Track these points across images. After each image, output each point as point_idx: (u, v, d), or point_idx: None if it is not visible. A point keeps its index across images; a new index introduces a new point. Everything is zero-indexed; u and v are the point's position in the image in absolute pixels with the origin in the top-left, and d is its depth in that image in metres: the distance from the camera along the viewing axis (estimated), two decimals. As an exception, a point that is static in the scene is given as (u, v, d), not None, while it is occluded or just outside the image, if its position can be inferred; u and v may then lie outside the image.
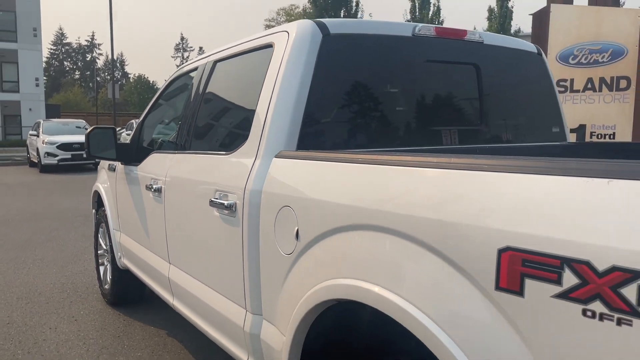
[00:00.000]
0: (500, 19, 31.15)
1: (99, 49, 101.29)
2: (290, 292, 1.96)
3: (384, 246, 1.53)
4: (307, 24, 2.35)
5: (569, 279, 1.07)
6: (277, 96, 2.24)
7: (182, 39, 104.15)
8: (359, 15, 30.86)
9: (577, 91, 6.06)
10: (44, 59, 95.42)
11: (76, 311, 4.56)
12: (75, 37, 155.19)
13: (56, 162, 17.53)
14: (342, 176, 1.78)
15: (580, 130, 6.09)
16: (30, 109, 37.12)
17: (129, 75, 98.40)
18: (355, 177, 1.72)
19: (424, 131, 2.60)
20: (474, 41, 2.72)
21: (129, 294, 4.49)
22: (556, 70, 6.19)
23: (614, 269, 1.00)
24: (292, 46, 2.29)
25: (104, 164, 4.66)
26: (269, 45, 2.45)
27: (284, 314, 1.99)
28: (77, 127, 19.79)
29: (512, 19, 31.66)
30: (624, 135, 5.73)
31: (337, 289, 1.67)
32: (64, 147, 17.57)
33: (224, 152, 2.54)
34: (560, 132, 3.08)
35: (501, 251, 1.20)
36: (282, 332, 2.02)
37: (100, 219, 4.71)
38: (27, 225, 8.41)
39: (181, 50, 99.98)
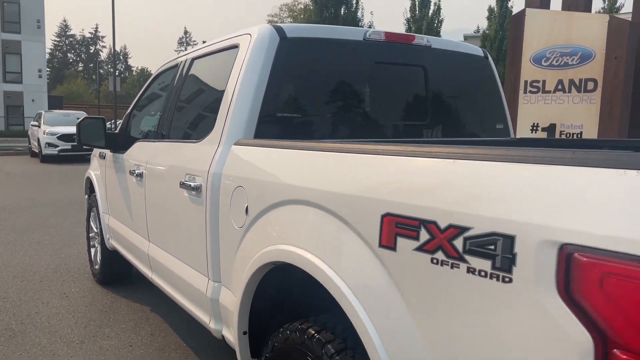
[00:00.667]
0: (500, 18, 31.30)
1: (103, 41, 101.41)
2: (241, 259, 2.29)
3: (306, 216, 1.86)
4: (267, 27, 2.66)
5: (424, 236, 1.40)
6: (238, 91, 2.56)
7: (186, 32, 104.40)
8: (359, 13, 31.09)
9: (549, 92, 6.36)
10: (48, 51, 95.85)
11: (67, 289, 4.89)
12: (79, 29, 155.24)
13: (57, 152, 17.88)
14: (280, 161, 2.11)
15: (550, 128, 6.41)
16: (32, 100, 37.49)
17: (132, 69, 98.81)
18: (289, 162, 2.05)
19: (371, 126, 2.92)
20: (421, 45, 3.03)
21: (117, 273, 4.81)
22: (529, 72, 6.50)
23: (450, 226, 1.33)
24: (252, 47, 2.60)
25: (95, 152, 4.98)
26: (235, 46, 2.77)
27: (237, 278, 2.32)
28: (77, 118, 20.08)
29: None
30: (591, 134, 6.03)
31: (272, 253, 2.00)
32: (64, 138, 17.91)
33: (194, 141, 2.87)
34: (504, 128, 3.39)
35: (383, 216, 1.53)
36: (235, 295, 2.34)
37: (92, 203, 5.04)
38: (26, 212, 8.75)
39: (184, 44, 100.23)
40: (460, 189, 1.35)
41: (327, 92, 2.81)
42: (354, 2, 30.61)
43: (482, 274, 1.25)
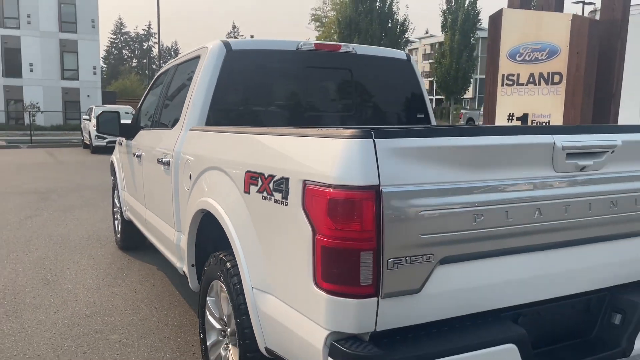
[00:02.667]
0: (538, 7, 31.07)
1: (155, 37, 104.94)
2: (188, 211, 3.20)
3: (215, 177, 2.75)
4: (217, 42, 3.54)
5: (259, 183, 2.25)
6: (195, 90, 3.46)
7: (234, 27, 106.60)
8: (394, 8, 31.44)
9: (522, 84, 6.95)
10: (104, 48, 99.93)
11: (95, 252, 5.97)
12: (134, 26, 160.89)
13: (105, 143, 19.38)
14: (207, 140, 3.00)
15: (524, 118, 7.02)
16: (88, 96, 39.84)
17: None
18: (211, 141, 2.94)
19: (303, 117, 3.75)
20: (347, 52, 3.84)
21: (133, 240, 5.83)
22: (506, 66, 7.11)
23: (268, 176, 2.18)
24: (207, 58, 3.49)
25: (119, 140, 6.02)
26: (198, 57, 3.67)
27: (186, 224, 3.23)
28: (125, 112, 21.64)
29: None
30: (557, 122, 6.60)
31: (198, 204, 2.89)
32: (112, 130, 19.37)
33: (169, 128, 3.79)
34: (425, 117, 4.15)
35: (245, 173, 2.39)
36: (186, 235, 3.26)
37: (115, 182, 6.09)
38: (72, 194, 10.01)
39: (232, 39, 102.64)
40: (273, 153, 2.21)
41: (265, 90, 3.67)
42: (389, -5, 31.14)
43: (279, 202, 2.10)
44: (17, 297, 4.53)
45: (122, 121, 5.03)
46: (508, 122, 7.10)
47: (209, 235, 3.08)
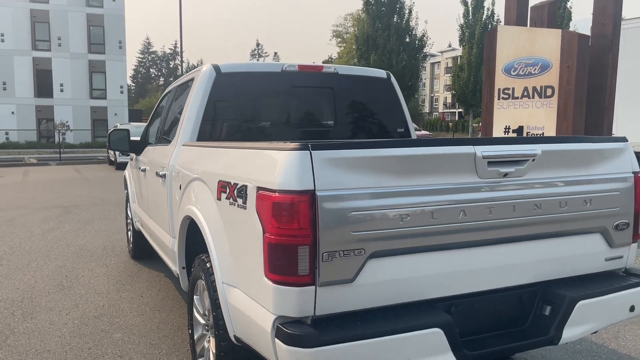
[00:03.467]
0: (558, 19, 31.01)
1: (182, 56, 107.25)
2: (177, 218, 3.55)
3: (197, 186, 3.09)
4: (208, 66, 3.91)
5: (228, 190, 2.58)
6: (189, 109, 3.83)
7: (258, 45, 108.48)
8: (412, 23, 31.79)
9: (517, 98, 7.18)
10: (132, 67, 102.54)
11: (109, 261, 6.38)
12: (161, 45, 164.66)
13: (129, 160, 20.08)
14: (193, 154, 3.35)
15: (519, 130, 7.24)
16: (115, 114, 41.05)
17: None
18: (196, 155, 3.29)
19: (288, 132, 4.09)
20: (329, 72, 4.17)
21: (143, 249, 6.22)
22: (502, 81, 7.36)
23: (234, 184, 2.51)
24: (199, 80, 3.86)
25: (131, 156, 6.45)
26: (192, 79, 4.05)
27: (177, 230, 3.58)
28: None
29: (570, 20, 31.45)
30: (550, 134, 6.79)
31: (184, 211, 3.24)
32: (136, 147, 20.07)
33: (167, 144, 4.17)
34: (405, 131, 4.44)
35: (217, 182, 2.73)
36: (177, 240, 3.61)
37: (127, 195, 6.51)
38: (94, 208, 10.53)
39: (256, 56, 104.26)
40: (237, 165, 2.54)
41: (253, 108, 4.03)
42: (407, 12, 31.47)
43: (240, 206, 2.42)
44: (33, 301, 4.94)
45: (133, 138, 5.45)
46: (505, 134, 7.33)
47: (196, 240, 3.41)
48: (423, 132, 27.05)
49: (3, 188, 14.63)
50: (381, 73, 4.42)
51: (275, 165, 2.14)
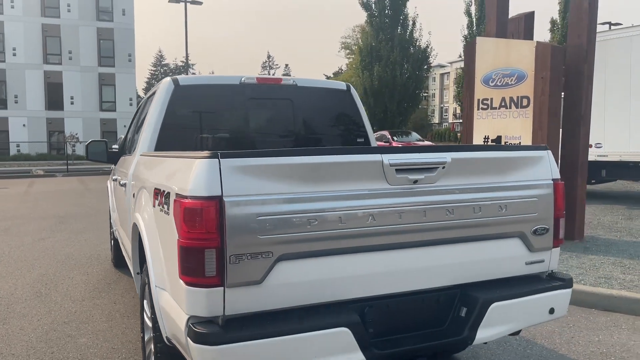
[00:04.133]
0: (564, 29, 30.94)
1: (193, 68, 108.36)
2: (131, 221, 3.68)
3: (143, 194, 3.22)
4: (168, 79, 4.06)
5: (159, 197, 2.71)
6: (148, 120, 3.97)
7: (269, 57, 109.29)
8: (415, 34, 31.90)
9: (495, 108, 7.26)
10: (145, 79, 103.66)
11: (90, 269, 6.53)
12: (173, 58, 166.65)
13: (132, 171, 20.38)
14: (144, 163, 3.49)
15: (497, 140, 7.32)
16: (125, 126, 41.50)
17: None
18: (145, 164, 3.42)
19: (246, 141, 4.21)
20: (288, 84, 4.30)
21: (122, 257, 6.36)
22: (481, 91, 7.46)
23: (163, 192, 2.63)
24: (158, 92, 4.01)
25: (112, 166, 6.62)
26: (155, 91, 4.20)
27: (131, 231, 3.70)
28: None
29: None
30: (527, 143, 6.86)
31: (133, 218, 3.37)
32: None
33: (130, 154, 4.31)
34: (365, 141, 4.54)
35: (153, 189, 2.86)
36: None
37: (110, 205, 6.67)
38: (88, 218, 10.72)
39: (267, 68, 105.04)
40: (165, 172, 2.67)
41: (211, 119, 4.16)
42: (410, 23, 31.62)
43: (165, 212, 2.55)
44: (9, 307, 5.09)
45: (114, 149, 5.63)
46: (484, 144, 7.40)
47: None
48: (426, 142, 27.02)
49: (6, 198, 14.93)
50: (341, 85, 4.54)
51: (189, 173, 2.27)
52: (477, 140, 7.52)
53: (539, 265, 2.87)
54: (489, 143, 7.35)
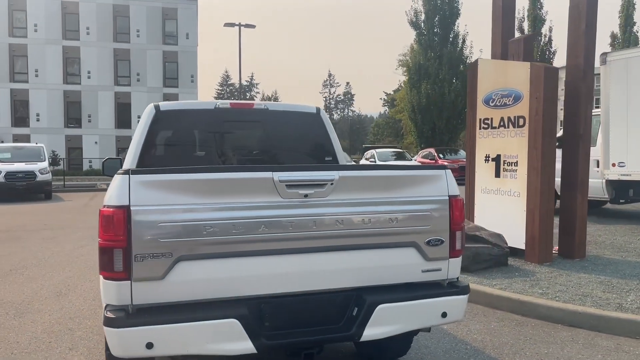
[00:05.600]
0: (624, 43, 29.87)
1: (257, 87, 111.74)
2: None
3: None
4: (151, 105, 4.62)
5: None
6: (132, 142, 4.55)
7: (330, 75, 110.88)
8: (465, 51, 31.74)
9: (495, 127, 7.40)
10: (212, 98, 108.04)
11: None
12: (238, 78, 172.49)
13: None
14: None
15: (497, 159, 7.46)
16: (186, 143, 43.51)
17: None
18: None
19: (219, 160, 4.70)
20: (260, 109, 4.77)
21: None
22: (482, 111, 7.63)
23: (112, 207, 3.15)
24: (143, 116, 4.59)
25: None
26: (141, 116, 4.79)
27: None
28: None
29: (637, 44, 30.17)
30: (522, 163, 6.96)
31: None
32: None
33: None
34: (333, 159, 4.92)
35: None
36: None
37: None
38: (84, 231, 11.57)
39: (328, 86, 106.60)
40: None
41: (188, 141, 4.70)
42: (460, 41, 31.50)
43: (104, 220, 3.05)
44: (29, 304, 5.81)
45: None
46: (485, 162, 7.59)
47: None
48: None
49: (66, 210, 16.24)
50: (311, 109, 4.96)
51: (111, 187, 2.78)
52: (480, 158, 7.69)
53: (436, 273, 3.16)
54: (490, 162, 7.51)
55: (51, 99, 41.51)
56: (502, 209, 7.29)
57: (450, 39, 31.28)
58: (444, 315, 3.09)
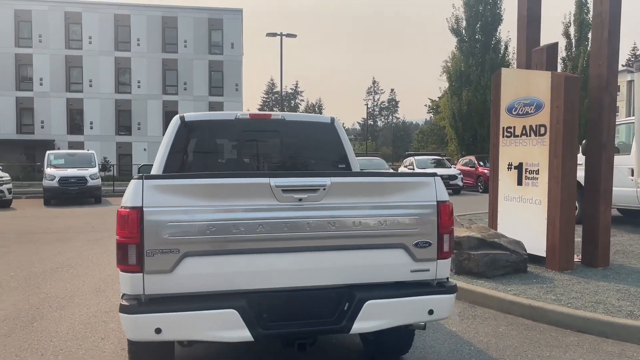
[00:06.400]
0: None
1: (301, 95, 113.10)
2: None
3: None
4: (177, 116, 5.02)
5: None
6: (160, 149, 4.95)
7: (374, 82, 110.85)
8: (508, 58, 31.27)
9: (517, 136, 7.48)
10: (257, 106, 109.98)
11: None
12: (284, 85, 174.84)
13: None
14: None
15: (519, 166, 7.54)
16: (231, 150, 44.60)
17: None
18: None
19: (239, 166, 5.04)
20: (277, 119, 5.10)
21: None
22: (505, 120, 7.73)
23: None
24: (169, 126, 4.99)
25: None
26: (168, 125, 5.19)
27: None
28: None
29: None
30: (543, 171, 7.01)
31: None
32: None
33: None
34: (346, 167, 5.19)
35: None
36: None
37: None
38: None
39: (372, 93, 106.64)
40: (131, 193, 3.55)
41: (211, 149, 5.07)
42: (503, 47, 31.13)
43: (124, 219, 3.43)
44: (71, 299, 6.32)
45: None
46: (508, 170, 7.68)
47: None
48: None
49: (112, 214, 17.06)
50: (325, 119, 5.25)
51: (128, 189, 3.15)
52: (503, 166, 7.78)
53: (425, 273, 3.38)
54: (512, 170, 7.60)
55: (104, 107, 43.45)
56: (524, 217, 7.36)
57: (492, 46, 31.01)
58: (430, 312, 3.31)
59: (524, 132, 7.40)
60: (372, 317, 3.21)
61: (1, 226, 13.56)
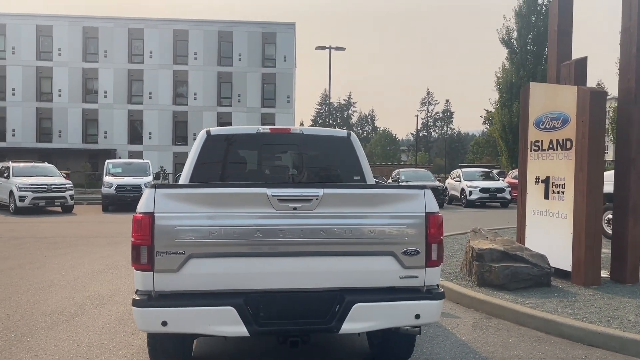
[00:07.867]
0: None
1: (354, 106, 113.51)
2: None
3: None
4: (204, 130, 5.44)
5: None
6: (188, 160, 5.37)
7: (428, 93, 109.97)
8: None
9: (545, 150, 7.48)
10: (311, 117, 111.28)
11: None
12: (337, 97, 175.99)
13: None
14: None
15: (546, 180, 7.54)
16: (282, 161, 45.40)
17: (378, 129, 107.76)
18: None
19: (260, 177, 5.39)
20: (296, 133, 5.42)
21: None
22: (533, 134, 7.76)
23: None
24: (196, 140, 5.41)
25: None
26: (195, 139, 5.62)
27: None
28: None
29: None
30: (569, 185, 6.99)
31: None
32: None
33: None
34: (361, 179, 5.44)
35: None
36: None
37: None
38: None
39: (426, 104, 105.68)
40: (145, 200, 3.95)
41: (234, 161, 5.44)
42: (556, 58, 30.32)
43: (143, 224, 3.84)
44: (111, 298, 6.85)
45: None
46: (535, 184, 7.71)
47: None
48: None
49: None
50: (342, 133, 5.52)
51: (142, 197, 3.55)
52: (530, 180, 7.80)
53: (414, 280, 3.59)
54: (539, 183, 7.61)
55: (162, 118, 45.30)
56: (551, 231, 7.36)
57: (545, 57, 30.31)
58: (417, 316, 3.51)
59: (550, 146, 7.41)
60: (360, 319, 3.46)
61: (61, 230, 14.54)
